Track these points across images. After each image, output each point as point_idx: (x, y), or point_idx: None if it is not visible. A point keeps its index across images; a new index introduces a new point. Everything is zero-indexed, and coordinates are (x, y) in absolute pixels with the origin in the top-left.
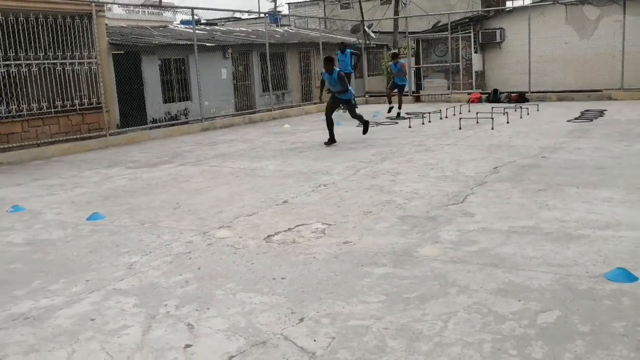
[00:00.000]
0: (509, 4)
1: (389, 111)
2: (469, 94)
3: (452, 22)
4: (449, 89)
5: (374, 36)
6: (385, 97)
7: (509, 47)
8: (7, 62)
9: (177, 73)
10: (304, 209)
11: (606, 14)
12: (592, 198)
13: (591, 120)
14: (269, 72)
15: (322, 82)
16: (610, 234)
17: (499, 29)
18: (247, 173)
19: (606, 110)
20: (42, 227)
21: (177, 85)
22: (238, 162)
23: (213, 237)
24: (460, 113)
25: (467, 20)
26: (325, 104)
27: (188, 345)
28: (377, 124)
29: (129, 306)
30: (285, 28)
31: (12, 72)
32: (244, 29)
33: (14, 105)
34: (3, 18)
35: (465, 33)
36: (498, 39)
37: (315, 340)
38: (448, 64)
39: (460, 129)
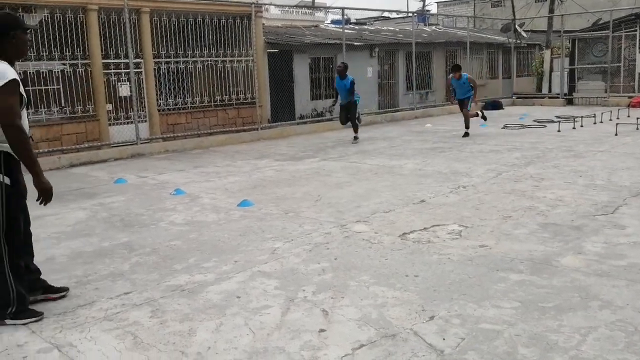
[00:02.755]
0: None
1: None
2: (629, 97)
3: (615, 19)
4: (606, 91)
5: (525, 35)
6: (531, 100)
7: None
8: (177, 60)
9: (325, 71)
10: (441, 209)
11: None
12: None
13: None
14: (413, 71)
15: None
16: None
17: None
18: (386, 170)
19: None
20: (199, 210)
21: (324, 83)
22: (377, 160)
23: (350, 230)
24: (618, 118)
25: (633, 17)
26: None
27: (322, 330)
28: (523, 126)
29: (271, 288)
30: (433, 27)
31: (181, 68)
32: (392, 29)
33: (180, 98)
34: (176, 19)
35: (630, 31)
36: None
37: (444, 339)
38: (607, 65)
39: (616, 135)
